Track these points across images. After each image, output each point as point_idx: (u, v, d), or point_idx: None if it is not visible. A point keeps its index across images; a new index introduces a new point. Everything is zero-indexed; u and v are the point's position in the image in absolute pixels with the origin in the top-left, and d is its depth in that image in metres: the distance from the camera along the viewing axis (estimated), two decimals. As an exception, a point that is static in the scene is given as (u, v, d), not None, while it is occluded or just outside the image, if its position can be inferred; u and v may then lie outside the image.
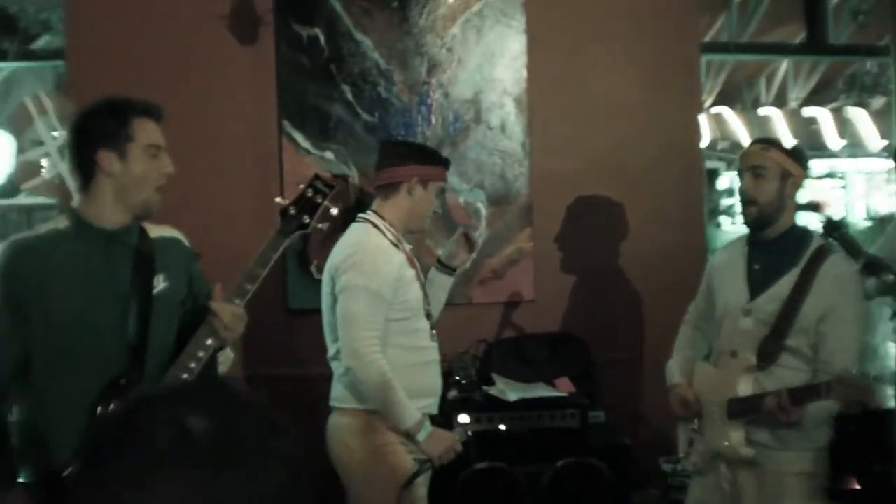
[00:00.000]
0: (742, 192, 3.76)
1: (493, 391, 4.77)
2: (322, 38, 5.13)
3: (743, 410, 3.61)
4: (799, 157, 3.77)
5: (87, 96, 3.32)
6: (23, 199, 7.14)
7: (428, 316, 3.96)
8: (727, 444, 3.66)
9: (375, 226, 3.89)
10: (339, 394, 3.88)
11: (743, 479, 3.69)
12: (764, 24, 10.39)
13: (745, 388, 3.63)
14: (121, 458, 1.14)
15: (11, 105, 6.37)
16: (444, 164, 4.06)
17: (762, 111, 12.34)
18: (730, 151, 11.82)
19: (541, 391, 4.79)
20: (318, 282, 4.97)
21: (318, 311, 4.00)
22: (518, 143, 5.26)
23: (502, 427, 4.61)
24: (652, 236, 5.38)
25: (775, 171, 3.69)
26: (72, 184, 3.28)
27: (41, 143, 4.96)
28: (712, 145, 11.47)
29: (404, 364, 3.78)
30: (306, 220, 3.29)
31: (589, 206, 5.34)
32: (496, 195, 5.23)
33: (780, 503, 3.64)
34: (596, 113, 5.42)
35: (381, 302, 3.74)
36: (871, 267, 3.56)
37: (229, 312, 2.97)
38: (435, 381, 3.99)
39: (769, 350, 3.62)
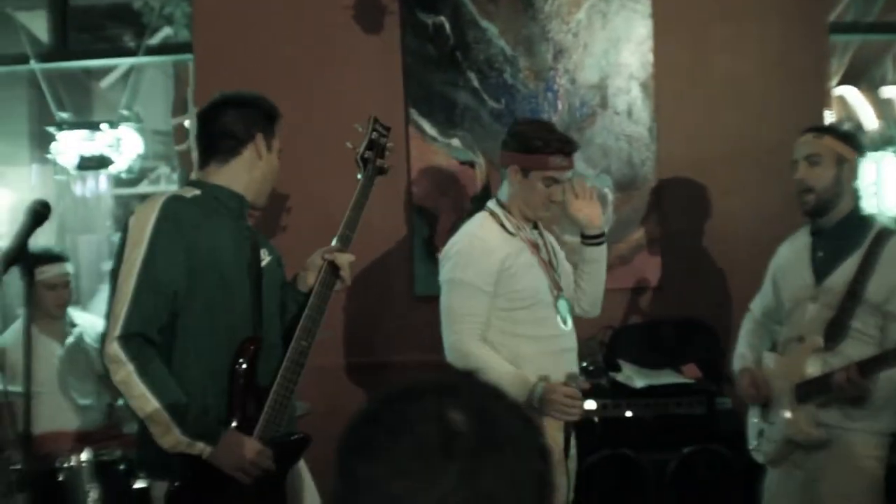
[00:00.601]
0: (798, 181, 3.80)
1: (619, 377, 4.77)
2: (447, 26, 5.16)
3: (812, 392, 3.64)
4: (853, 141, 3.80)
5: (215, 89, 3.44)
6: (145, 188, 7.32)
7: (558, 302, 3.82)
8: (799, 427, 3.64)
9: (492, 213, 3.84)
10: None
11: (815, 463, 3.69)
12: (890, 3, 10.16)
13: (813, 369, 3.66)
14: (392, 450, 1.20)
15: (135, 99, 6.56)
16: (552, 152, 3.75)
17: (886, 91, 12.09)
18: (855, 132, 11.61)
19: (668, 377, 4.77)
20: (446, 268, 5.07)
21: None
22: (645, 128, 5.23)
23: (629, 413, 4.61)
24: (778, 218, 5.30)
25: (830, 157, 3.74)
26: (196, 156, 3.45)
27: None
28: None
29: (534, 354, 3.73)
30: (382, 164, 3.79)
31: (716, 190, 5.29)
32: (623, 180, 5.22)
33: (854, 485, 3.63)
34: (723, 96, 5.36)
35: (477, 293, 3.67)
36: None
37: (346, 259, 3.41)
38: (569, 369, 3.81)
39: (836, 331, 3.64)
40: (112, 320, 3.01)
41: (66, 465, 4.13)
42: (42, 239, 4.86)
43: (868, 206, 3.92)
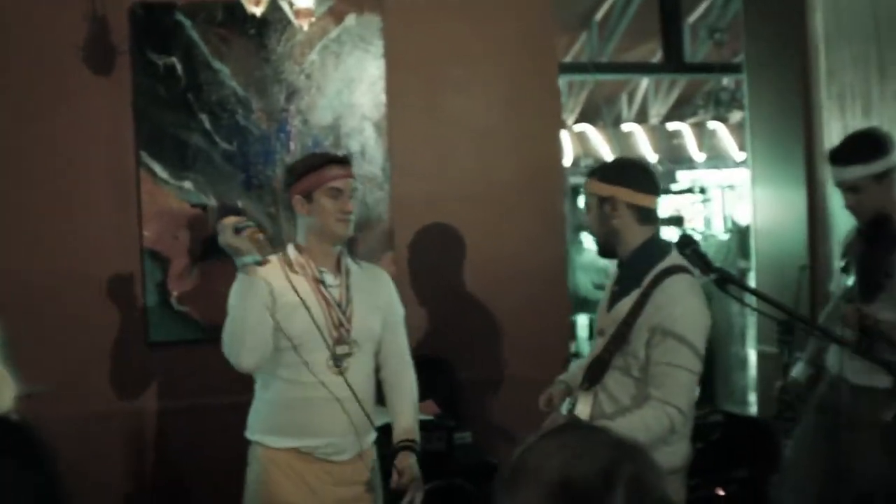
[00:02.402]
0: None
1: (358, 417, 4.75)
2: (179, 67, 5.06)
3: None
4: (617, 176, 3.70)
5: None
6: None
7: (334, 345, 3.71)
8: None
9: (284, 255, 3.80)
10: None
11: None
12: (625, 42, 10.62)
13: (582, 409, 3.68)
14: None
15: None
16: (324, 164, 3.75)
17: (625, 127, 12.62)
18: (593, 168, 12.04)
19: (406, 415, 4.79)
20: (179, 313, 4.98)
21: (179, 344, 3.96)
22: (378, 168, 5.28)
23: (369, 452, 4.60)
24: (514, 256, 5.45)
25: (593, 199, 3.71)
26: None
27: None
28: (576, 163, 11.68)
29: (291, 400, 3.73)
30: None
31: (450, 228, 5.38)
32: (357, 221, 5.19)
33: None
34: (457, 135, 5.47)
35: None
36: (723, 281, 3.65)
37: None
38: (321, 420, 3.72)
39: (596, 371, 3.66)
40: None
41: None
42: None
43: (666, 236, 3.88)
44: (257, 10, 4.52)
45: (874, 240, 4.25)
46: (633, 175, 3.74)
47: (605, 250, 3.79)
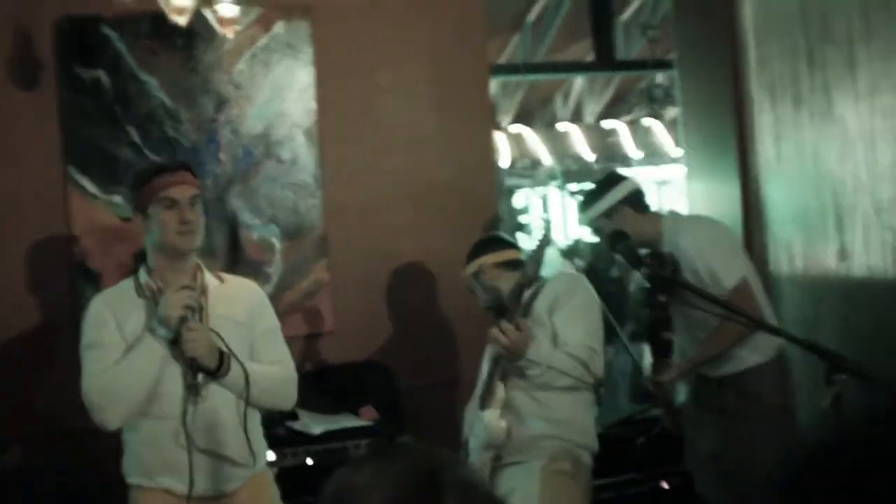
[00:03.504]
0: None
1: (296, 425, 4.74)
2: (106, 80, 5.02)
3: None
4: (474, 253, 4.38)
5: None
6: None
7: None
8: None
9: (135, 279, 3.59)
10: None
11: None
12: (558, 42, 10.67)
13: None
14: None
15: None
16: (153, 176, 3.49)
17: (560, 127, 12.67)
18: (530, 168, 12.09)
19: (345, 421, 4.79)
20: None
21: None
22: (310, 176, 5.26)
23: (309, 461, 4.59)
24: (449, 259, 5.44)
25: (471, 282, 4.42)
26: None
27: None
28: (512, 163, 11.72)
29: (148, 433, 3.50)
30: None
31: (385, 233, 5.38)
32: (290, 229, 5.23)
33: None
34: (389, 140, 5.47)
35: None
36: (654, 277, 3.71)
37: None
38: (175, 454, 3.43)
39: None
40: None
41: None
42: None
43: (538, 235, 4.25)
44: (181, 20, 4.50)
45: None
46: (484, 246, 4.42)
47: (497, 308, 4.19)
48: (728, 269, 4.41)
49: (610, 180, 4.78)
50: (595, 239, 4.83)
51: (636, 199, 4.65)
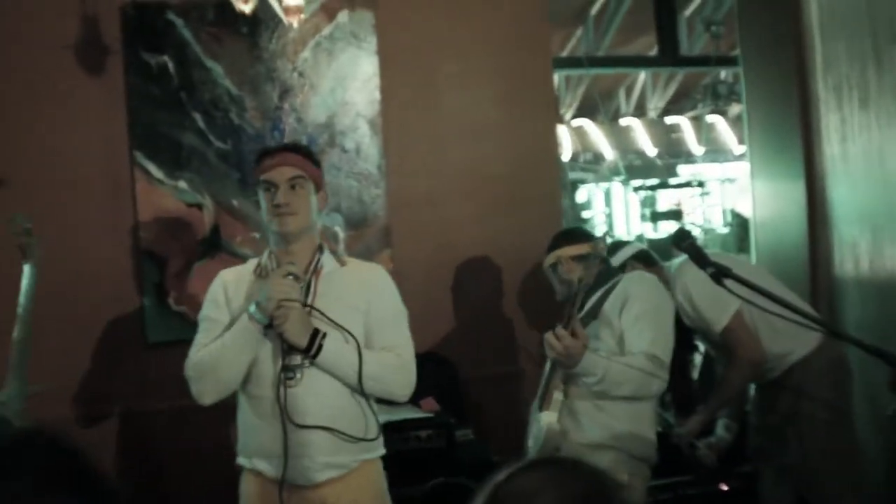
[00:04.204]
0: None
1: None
2: (171, 66, 5.05)
3: None
4: (553, 246, 4.28)
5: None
6: None
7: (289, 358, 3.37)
8: None
9: (259, 261, 3.60)
10: None
11: None
12: (621, 36, 10.60)
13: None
14: None
15: None
16: (260, 158, 3.56)
17: (623, 122, 12.59)
18: (592, 162, 12.03)
19: (406, 413, 4.77)
20: (177, 313, 4.95)
21: (177, 344, 3.91)
22: (374, 166, 5.26)
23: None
24: (511, 251, 5.43)
25: (548, 272, 4.30)
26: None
27: None
28: (574, 157, 11.66)
29: (247, 417, 3.50)
30: None
31: (448, 224, 5.37)
32: (354, 218, 5.22)
33: None
34: (451, 131, 5.46)
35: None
36: (719, 275, 3.65)
37: None
38: (270, 441, 3.39)
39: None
40: None
41: None
42: None
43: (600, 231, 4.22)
44: (246, 8, 4.50)
45: None
46: (563, 237, 4.29)
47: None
48: (716, 312, 4.42)
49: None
50: (656, 235, 4.78)
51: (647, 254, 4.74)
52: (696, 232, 7.42)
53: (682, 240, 3.76)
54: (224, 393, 3.46)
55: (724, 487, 4.99)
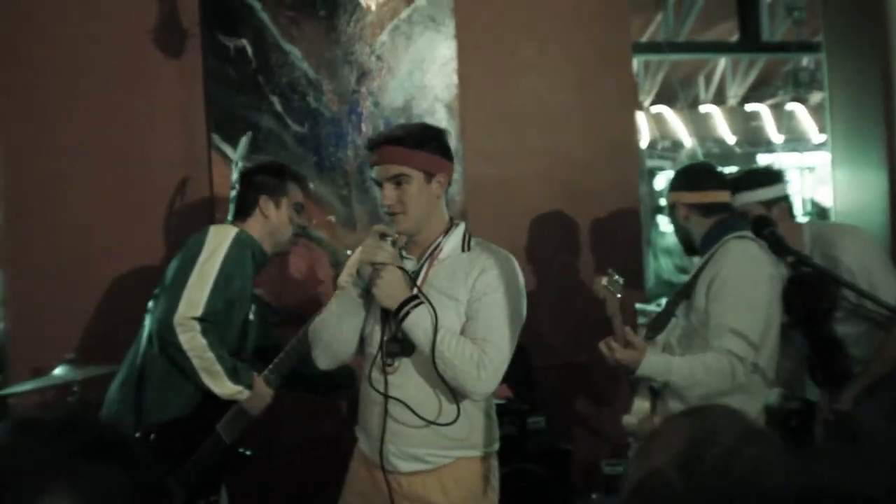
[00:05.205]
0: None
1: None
2: (249, 49, 5.06)
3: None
4: (674, 184, 4.12)
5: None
6: None
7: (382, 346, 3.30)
8: None
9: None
10: None
11: None
12: (701, 22, 10.47)
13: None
14: None
15: None
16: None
17: (703, 109, 12.45)
18: (671, 150, 11.90)
19: (479, 399, 4.74)
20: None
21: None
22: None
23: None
24: (589, 237, 5.38)
25: (666, 211, 4.18)
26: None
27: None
28: (653, 144, 11.55)
29: (362, 397, 3.45)
30: None
31: (524, 209, 5.32)
32: (429, 203, 5.19)
33: None
34: (529, 116, 5.42)
35: None
36: (799, 264, 3.58)
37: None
38: (368, 419, 3.38)
39: (658, 322, 4.05)
40: (188, 302, 3.76)
41: None
42: None
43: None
44: (325, -9, 4.49)
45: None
46: (685, 178, 4.05)
47: (687, 249, 4.05)
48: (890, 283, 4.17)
49: (778, 174, 4.45)
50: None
51: (790, 203, 4.42)
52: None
53: (762, 227, 3.69)
54: (336, 359, 3.42)
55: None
